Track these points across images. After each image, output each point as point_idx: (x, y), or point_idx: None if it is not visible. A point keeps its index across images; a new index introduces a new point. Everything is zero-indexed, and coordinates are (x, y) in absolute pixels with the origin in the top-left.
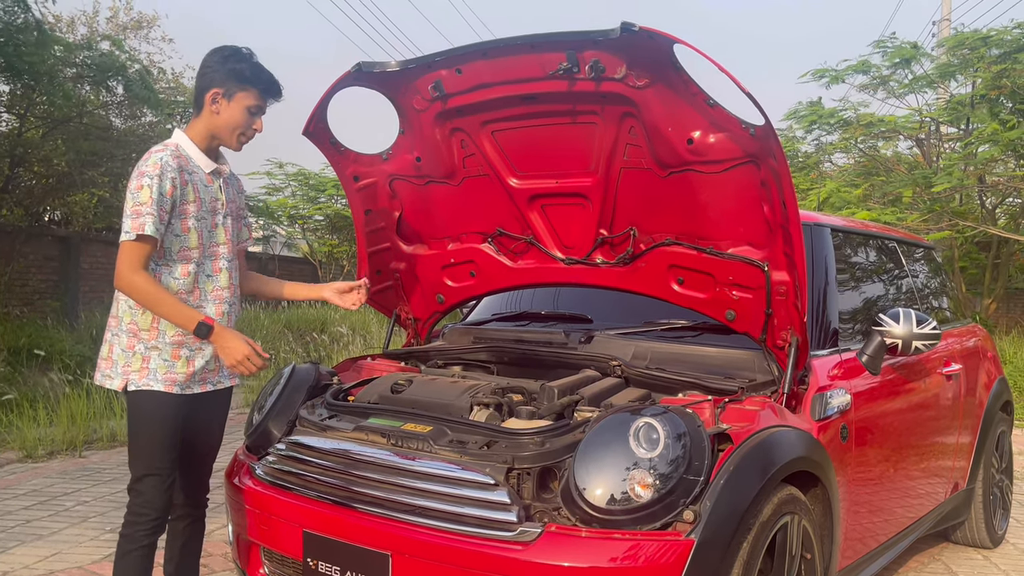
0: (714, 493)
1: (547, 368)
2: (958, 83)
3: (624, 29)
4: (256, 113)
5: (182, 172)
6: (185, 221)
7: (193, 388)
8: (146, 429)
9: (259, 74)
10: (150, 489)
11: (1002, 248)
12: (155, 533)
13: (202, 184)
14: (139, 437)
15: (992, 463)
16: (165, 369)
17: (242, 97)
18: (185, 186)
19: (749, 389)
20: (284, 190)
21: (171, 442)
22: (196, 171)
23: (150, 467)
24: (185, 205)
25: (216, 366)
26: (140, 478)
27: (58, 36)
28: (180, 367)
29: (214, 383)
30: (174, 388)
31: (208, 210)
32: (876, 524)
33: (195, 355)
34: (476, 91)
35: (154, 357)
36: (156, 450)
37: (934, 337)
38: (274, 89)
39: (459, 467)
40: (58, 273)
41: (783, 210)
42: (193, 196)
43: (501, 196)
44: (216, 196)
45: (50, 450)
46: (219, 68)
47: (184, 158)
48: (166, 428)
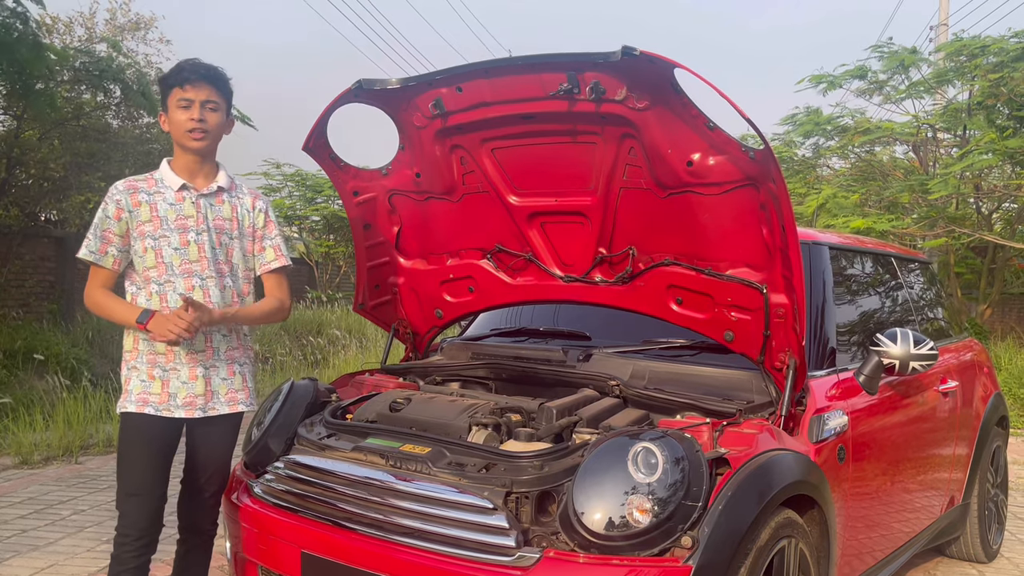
0: (712, 518)
1: (545, 386)
2: (956, 89)
3: (625, 53)
4: (186, 106)
5: (135, 193)
6: (143, 241)
7: (175, 412)
8: (125, 450)
9: (176, 71)
10: (133, 510)
11: (998, 253)
12: (143, 555)
13: (166, 202)
14: (121, 458)
15: (987, 478)
16: (141, 389)
17: (171, 101)
18: (138, 207)
19: (747, 411)
20: (281, 191)
21: (152, 464)
22: (162, 191)
23: (131, 488)
24: (140, 225)
25: (206, 392)
26: (124, 498)
27: (53, 46)
28: (155, 388)
29: (204, 409)
30: (146, 408)
31: (171, 228)
32: (873, 543)
33: (169, 375)
34: (476, 109)
35: (134, 378)
36: (136, 471)
37: (931, 358)
38: (184, 74)
39: (457, 490)
40: (54, 274)
41: (782, 233)
42: (149, 215)
43: (500, 213)
44: (186, 213)
45: (46, 456)
46: (160, 89)
47: (151, 180)
48: (145, 450)
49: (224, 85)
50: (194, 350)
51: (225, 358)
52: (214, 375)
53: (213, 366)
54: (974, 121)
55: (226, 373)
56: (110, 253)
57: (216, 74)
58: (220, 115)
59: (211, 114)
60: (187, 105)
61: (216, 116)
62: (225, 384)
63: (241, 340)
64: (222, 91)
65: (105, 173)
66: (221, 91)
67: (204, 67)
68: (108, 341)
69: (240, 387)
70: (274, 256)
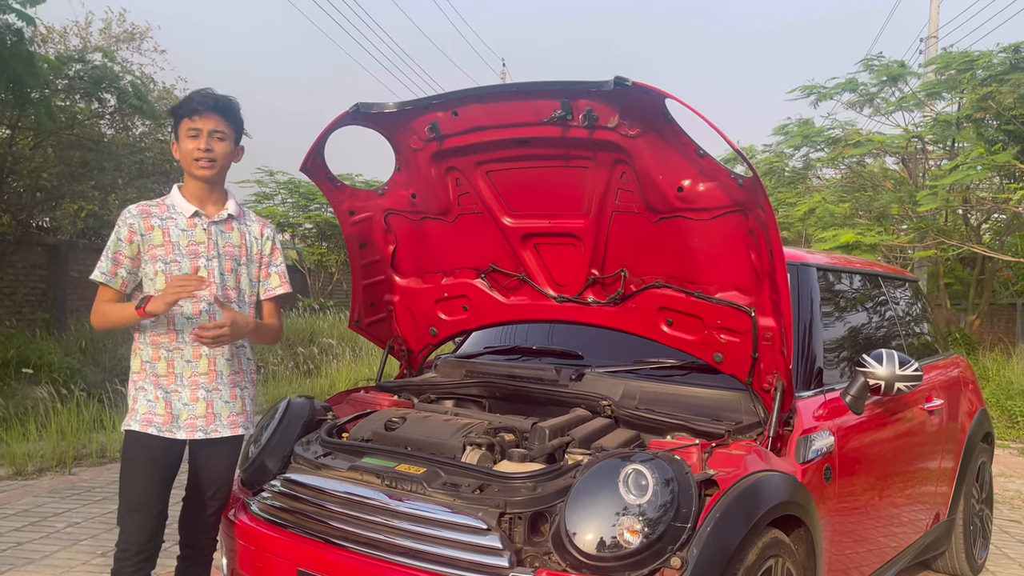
0: (701, 539)
1: (538, 404)
2: (945, 101)
3: (618, 83)
4: (195, 136)
5: (147, 218)
6: (153, 264)
7: (177, 433)
8: (128, 467)
9: (186, 102)
10: (132, 526)
11: (986, 264)
12: (142, 570)
13: (178, 228)
14: (123, 474)
15: (973, 493)
16: (146, 409)
17: (181, 131)
18: (150, 231)
19: (735, 432)
20: (274, 198)
21: (153, 482)
22: (175, 216)
23: (132, 504)
24: (152, 249)
25: (207, 414)
26: (124, 514)
27: (47, 57)
28: (160, 408)
29: (206, 431)
30: (149, 428)
31: (183, 253)
32: (859, 559)
33: (171, 396)
34: (472, 133)
35: (141, 398)
36: (137, 489)
37: (916, 379)
38: (193, 104)
39: (452, 511)
40: (46, 282)
41: (770, 259)
42: (161, 240)
43: (495, 234)
44: (197, 240)
45: (40, 466)
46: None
47: (163, 206)
48: (147, 468)
49: (233, 115)
50: (196, 372)
51: (228, 381)
52: (216, 398)
53: (216, 389)
54: (963, 134)
55: (228, 396)
56: (119, 275)
57: (225, 105)
58: (228, 144)
59: (218, 144)
60: (195, 135)
61: (223, 145)
62: (228, 407)
63: (243, 364)
64: (231, 121)
65: (98, 182)
66: (230, 121)
67: (213, 98)
68: (101, 350)
69: (240, 410)
70: (279, 283)
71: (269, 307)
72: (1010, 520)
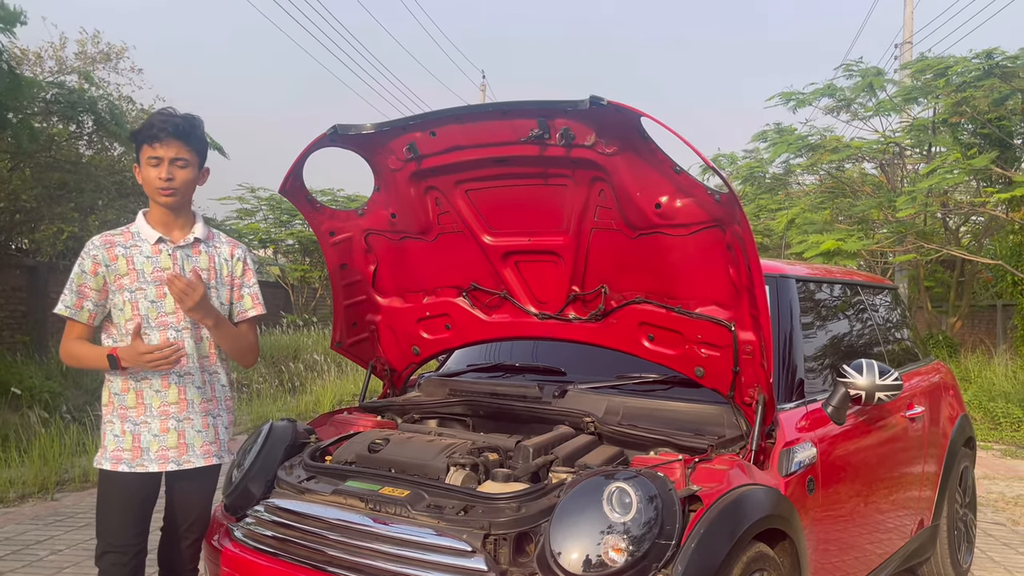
0: (685, 556)
1: (522, 422)
2: (920, 107)
3: (593, 102)
4: (156, 164)
5: (111, 248)
6: (121, 295)
7: (149, 466)
8: (103, 507)
9: (146, 127)
10: (110, 567)
11: (966, 267)
12: None
13: (143, 255)
14: (99, 514)
15: (956, 499)
16: (114, 445)
17: (142, 157)
18: (115, 261)
19: (718, 446)
20: (256, 214)
21: (129, 521)
22: (139, 244)
23: (108, 544)
24: (119, 279)
25: (179, 444)
26: (100, 555)
27: (31, 79)
28: (127, 443)
29: (178, 463)
30: (120, 466)
31: (148, 280)
32: (845, 568)
33: (140, 429)
34: (450, 153)
35: (108, 433)
36: (112, 528)
37: (896, 388)
38: (153, 131)
39: (436, 533)
40: (26, 304)
41: (748, 273)
42: (126, 269)
43: (475, 252)
44: (163, 266)
45: (21, 493)
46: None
47: (128, 234)
48: (121, 508)
49: (195, 139)
50: (166, 401)
51: (200, 410)
52: (188, 427)
53: (187, 418)
54: (939, 138)
55: (200, 426)
56: (86, 308)
57: (186, 129)
58: (191, 171)
59: (180, 171)
60: (157, 163)
61: (186, 172)
62: (200, 436)
63: (217, 391)
64: (193, 146)
65: (78, 204)
66: (192, 146)
67: (173, 123)
68: (82, 373)
69: (213, 439)
70: (252, 304)
71: (243, 329)
72: (994, 523)
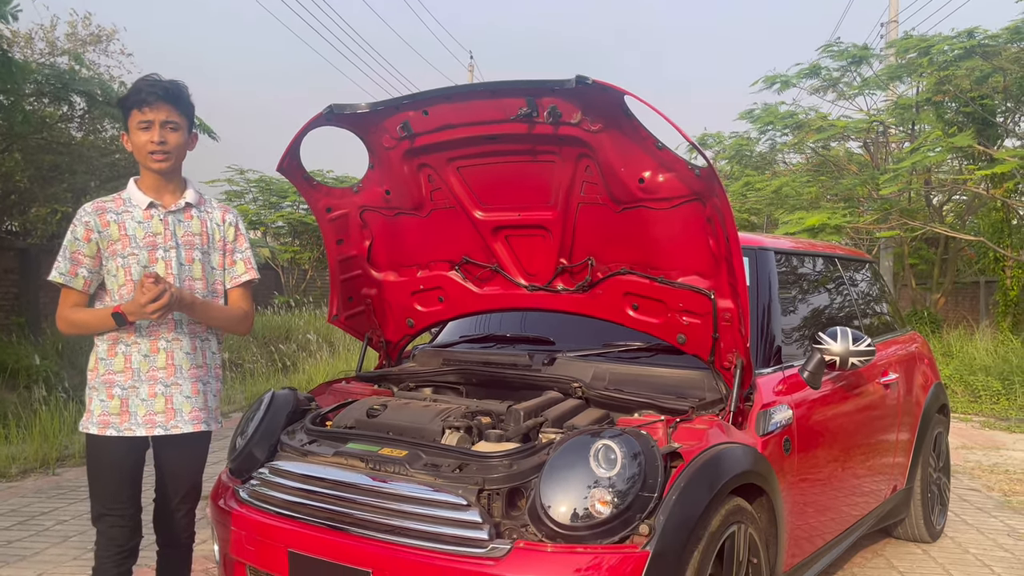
0: (667, 508)
1: (513, 389)
2: (905, 85)
3: (579, 81)
4: (146, 128)
5: (103, 214)
6: (114, 260)
7: (136, 430)
8: (94, 472)
9: (134, 92)
10: (107, 529)
11: (950, 244)
12: (122, 565)
13: (134, 221)
14: (91, 479)
15: (930, 463)
16: (101, 410)
17: (131, 122)
18: (107, 227)
19: (699, 408)
20: (245, 196)
21: (120, 484)
22: (131, 209)
23: (103, 507)
24: (111, 245)
25: (166, 409)
26: (96, 518)
27: (23, 63)
28: (114, 407)
29: (166, 427)
30: (108, 430)
31: (140, 245)
32: (820, 526)
33: (128, 394)
34: (442, 131)
35: (95, 398)
36: (106, 492)
37: (869, 354)
38: (142, 95)
39: (433, 489)
40: (18, 287)
41: (726, 244)
42: (118, 234)
43: (467, 227)
44: (154, 231)
45: (23, 468)
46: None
47: (119, 200)
48: (112, 471)
49: (183, 103)
50: (154, 366)
51: (189, 376)
52: (176, 392)
53: (176, 383)
54: (923, 116)
55: (190, 391)
56: (80, 275)
57: (175, 92)
58: (181, 134)
59: (171, 134)
60: (147, 127)
61: (177, 135)
62: (189, 402)
63: (207, 358)
64: (182, 109)
65: (70, 185)
66: (181, 109)
67: (162, 87)
68: (77, 352)
69: (203, 406)
70: (244, 269)
71: (236, 294)
72: (970, 489)
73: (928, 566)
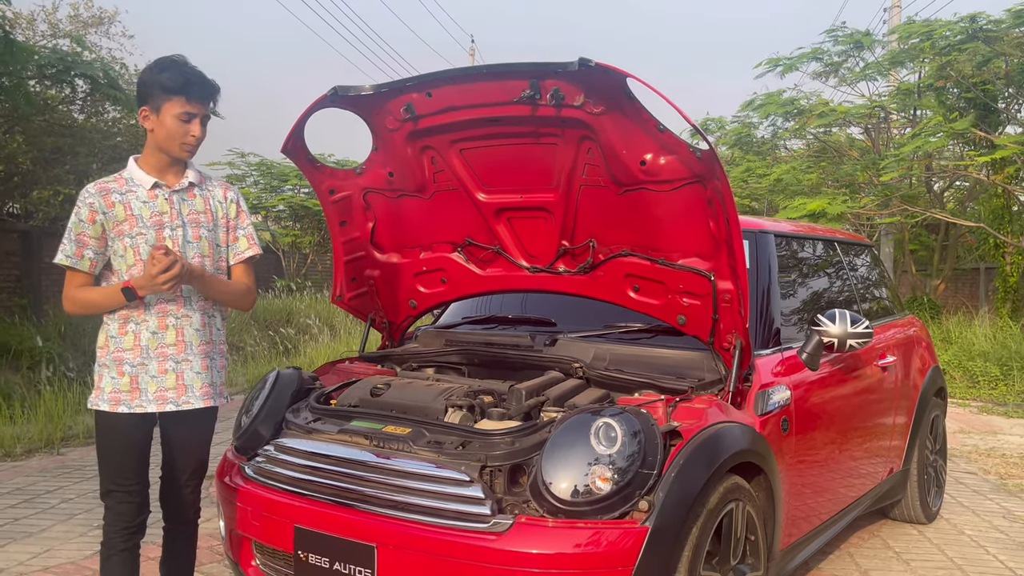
0: (666, 485)
1: (515, 369)
2: (907, 70)
3: (582, 64)
4: (187, 120)
5: (107, 195)
6: (121, 241)
7: (147, 407)
8: (103, 448)
9: (181, 80)
10: (115, 504)
11: (950, 230)
12: (131, 540)
13: (139, 201)
14: (100, 455)
15: (926, 445)
16: (112, 387)
17: (169, 107)
18: (112, 208)
19: (698, 388)
20: (246, 179)
21: (130, 459)
22: (134, 189)
23: (113, 483)
24: (117, 226)
25: (177, 385)
26: (105, 493)
27: (26, 45)
28: (125, 384)
29: (177, 403)
30: (119, 407)
31: (147, 225)
32: (817, 506)
33: (138, 371)
34: (445, 113)
35: (105, 375)
36: (115, 468)
37: (867, 336)
38: (197, 91)
39: (436, 466)
40: (20, 269)
41: (727, 226)
42: (124, 215)
43: (470, 209)
44: (161, 210)
45: (28, 448)
46: (147, 83)
47: (121, 180)
48: (121, 447)
49: (216, 100)
50: (163, 343)
51: (199, 352)
52: (187, 369)
53: (186, 360)
54: (924, 102)
55: (200, 367)
56: (86, 256)
57: (217, 92)
58: (207, 126)
59: (203, 128)
60: (188, 119)
61: (205, 128)
62: (199, 378)
63: (214, 335)
64: (213, 106)
65: (72, 167)
66: (213, 106)
67: (212, 85)
68: (80, 334)
69: (211, 381)
70: (247, 245)
71: (239, 270)
72: (967, 472)
73: (924, 547)
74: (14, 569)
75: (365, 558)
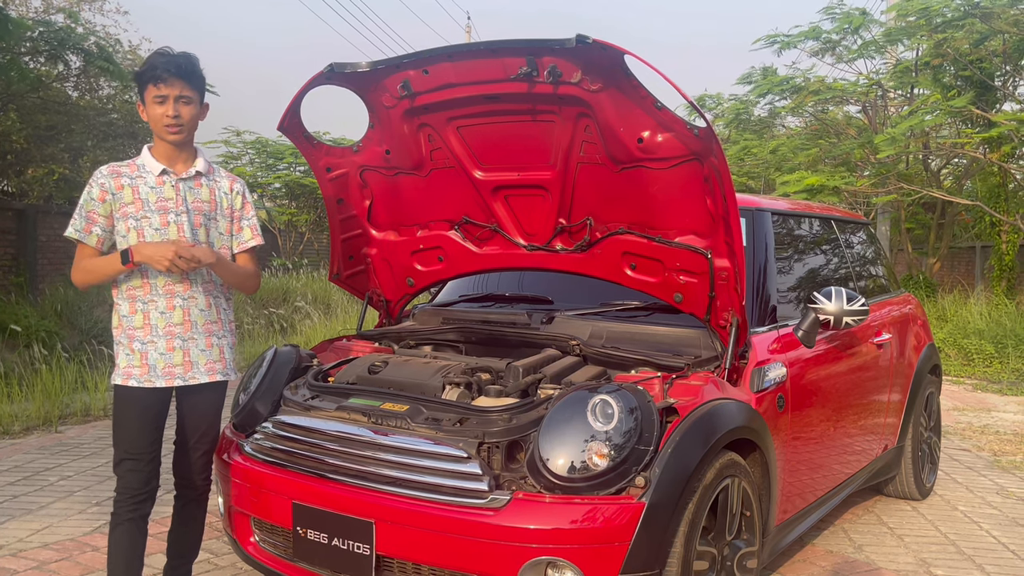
0: (662, 461)
1: (512, 347)
2: (905, 47)
3: (579, 40)
4: (161, 102)
5: (118, 177)
6: (125, 222)
7: (156, 382)
8: (118, 419)
9: (149, 67)
10: (127, 472)
11: (947, 208)
12: (138, 509)
13: (147, 186)
14: (115, 425)
15: (921, 422)
16: (126, 363)
17: (147, 95)
18: (121, 190)
19: (694, 365)
20: (241, 158)
21: (142, 431)
22: (144, 175)
23: (124, 452)
24: (124, 207)
25: (184, 362)
26: (118, 462)
27: (20, 19)
28: (136, 360)
29: (184, 379)
30: (131, 381)
31: (152, 209)
32: (812, 482)
33: (147, 348)
34: (442, 90)
35: (120, 353)
36: (127, 437)
37: (863, 313)
38: (157, 71)
39: (434, 442)
40: (15, 247)
41: (724, 203)
42: (132, 198)
43: (467, 187)
44: (166, 196)
45: (26, 426)
46: (136, 80)
47: (133, 166)
48: (134, 418)
49: (196, 78)
50: (171, 322)
51: (203, 331)
52: (193, 347)
53: (192, 338)
54: (921, 80)
55: (204, 345)
56: (94, 232)
57: (188, 68)
58: (194, 107)
59: (184, 107)
60: (161, 101)
61: (190, 108)
62: (204, 355)
63: (220, 314)
64: (194, 84)
65: (67, 145)
66: (193, 84)
67: (176, 63)
68: (77, 313)
69: (218, 358)
70: (251, 235)
71: (243, 258)
72: (961, 449)
73: (918, 522)
74: (14, 546)
75: (363, 534)
